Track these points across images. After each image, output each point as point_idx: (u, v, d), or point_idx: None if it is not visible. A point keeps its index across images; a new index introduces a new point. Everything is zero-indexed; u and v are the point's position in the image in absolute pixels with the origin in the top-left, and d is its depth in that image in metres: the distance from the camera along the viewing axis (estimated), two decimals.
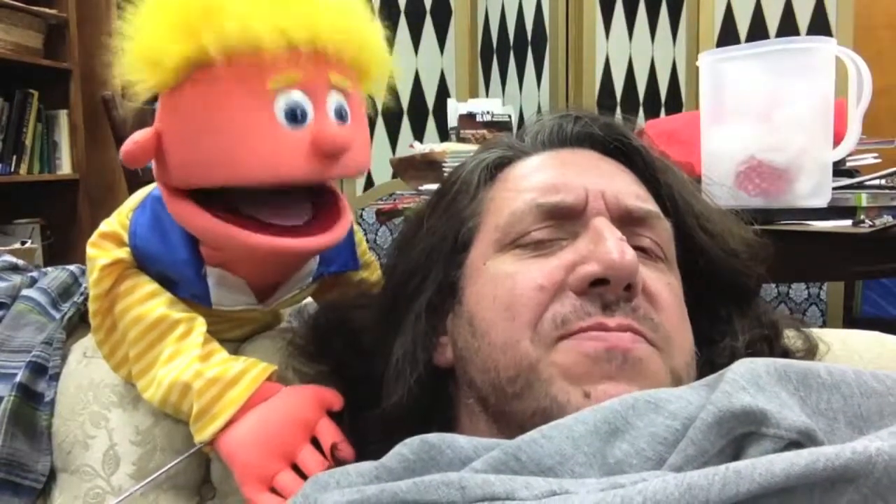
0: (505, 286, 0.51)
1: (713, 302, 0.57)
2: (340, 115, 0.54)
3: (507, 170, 0.58)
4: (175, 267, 0.61)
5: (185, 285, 0.62)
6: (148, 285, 0.62)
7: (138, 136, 0.53)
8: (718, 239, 0.57)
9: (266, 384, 0.59)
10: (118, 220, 0.63)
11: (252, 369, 0.59)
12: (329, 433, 0.58)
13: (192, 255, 0.60)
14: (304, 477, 0.55)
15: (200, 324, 0.61)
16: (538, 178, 0.55)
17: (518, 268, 0.51)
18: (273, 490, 0.56)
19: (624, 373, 0.46)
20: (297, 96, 0.52)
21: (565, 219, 0.52)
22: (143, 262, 0.63)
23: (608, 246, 0.48)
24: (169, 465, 0.62)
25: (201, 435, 0.58)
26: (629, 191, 0.54)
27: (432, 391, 0.55)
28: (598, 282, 0.48)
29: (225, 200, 0.54)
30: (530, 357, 0.48)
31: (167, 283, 0.63)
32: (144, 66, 0.51)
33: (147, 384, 0.61)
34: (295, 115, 0.52)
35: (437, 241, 0.57)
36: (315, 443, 0.58)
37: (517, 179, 0.56)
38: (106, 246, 0.62)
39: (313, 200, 0.58)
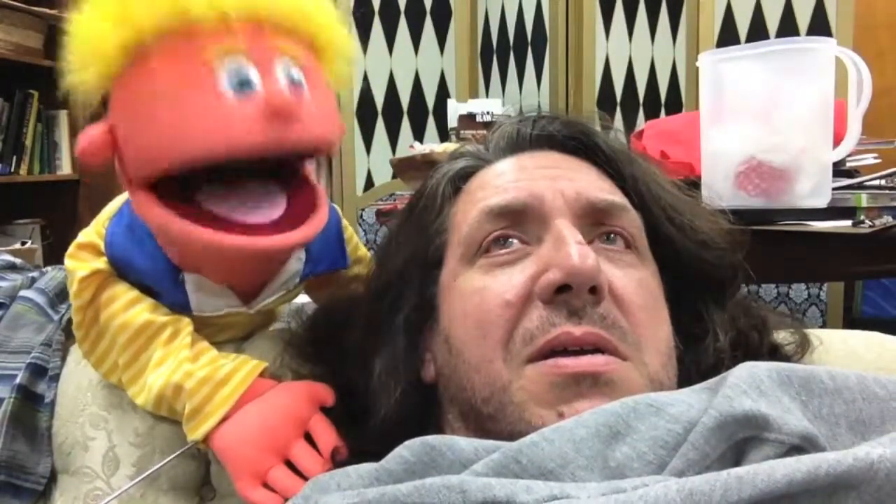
0: (474, 303, 0.51)
1: (689, 295, 0.56)
2: (293, 82, 0.52)
3: (470, 181, 0.58)
4: (152, 275, 0.61)
5: (164, 294, 0.61)
6: (129, 292, 0.61)
7: (90, 133, 0.52)
8: (686, 229, 0.57)
9: (258, 381, 0.59)
10: (95, 230, 0.62)
11: (242, 367, 0.59)
12: (322, 429, 0.57)
13: (168, 263, 0.59)
14: (297, 472, 0.55)
15: (187, 324, 0.61)
16: (494, 185, 0.55)
17: (486, 282, 0.51)
18: (266, 485, 0.55)
19: (596, 390, 0.46)
20: (241, 62, 0.50)
21: (523, 221, 0.52)
22: (121, 271, 0.62)
23: (568, 251, 0.47)
24: (163, 462, 0.62)
25: (194, 434, 0.58)
26: (592, 185, 0.54)
27: (420, 406, 0.55)
28: (563, 288, 0.47)
29: (192, 198, 0.53)
30: (503, 378, 0.48)
31: (146, 292, 0.62)
32: (86, 60, 0.51)
33: (139, 390, 0.60)
34: (241, 83, 0.49)
35: (408, 258, 0.57)
36: (309, 439, 0.58)
37: (476, 191, 0.56)
38: (83, 257, 0.62)
39: (289, 195, 0.56)
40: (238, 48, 0.49)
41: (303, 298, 0.75)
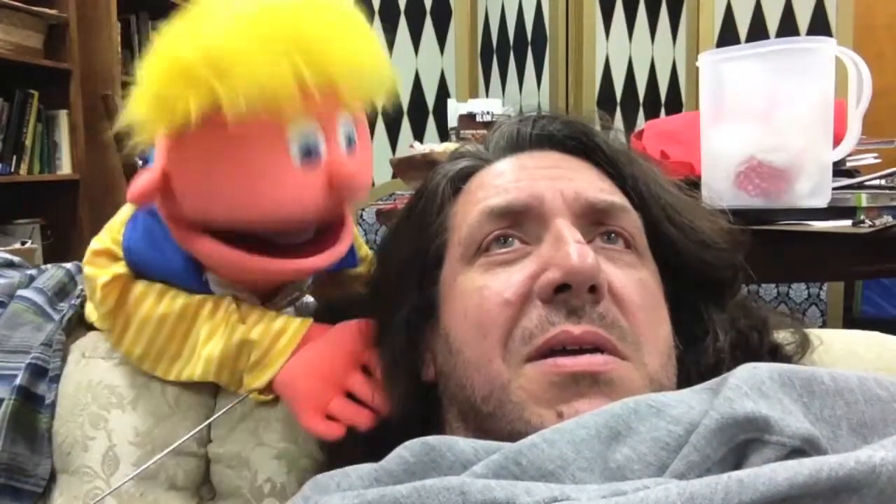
0: (473, 302, 0.51)
1: (689, 295, 0.56)
2: (349, 142, 0.56)
3: (470, 181, 0.58)
4: (175, 277, 0.62)
5: (190, 292, 0.63)
6: (155, 285, 0.63)
7: (144, 181, 0.53)
8: (686, 229, 0.56)
9: (313, 327, 0.61)
10: (110, 237, 0.63)
11: (294, 321, 0.62)
12: (376, 362, 0.59)
13: (190, 264, 0.61)
14: (356, 401, 0.58)
15: (223, 296, 0.62)
16: (494, 185, 0.55)
17: (486, 281, 0.51)
18: (329, 417, 0.58)
19: (595, 390, 0.46)
20: (311, 133, 0.53)
21: (523, 221, 0.52)
22: (143, 275, 0.63)
23: (567, 250, 0.47)
24: (178, 443, 0.62)
25: (257, 382, 0.60)
26: (592, 186, 0.54)
27: (420, 406, 0.56)
28: (563, 287, 0.47)
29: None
30: (502, 377, 0.48)
31: None
32: (154, 112, 0.51)
33: (192, 368, 0.62)
34: (309, 152, 0.53)
35: (408, 258, 0.57)
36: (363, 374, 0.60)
37: (476, 190, 0.56)
38: (101, 263, 0.63)
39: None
40: (309, 115, 0.52)
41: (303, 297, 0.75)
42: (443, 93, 2.71)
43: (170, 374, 0.64)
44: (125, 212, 0.64)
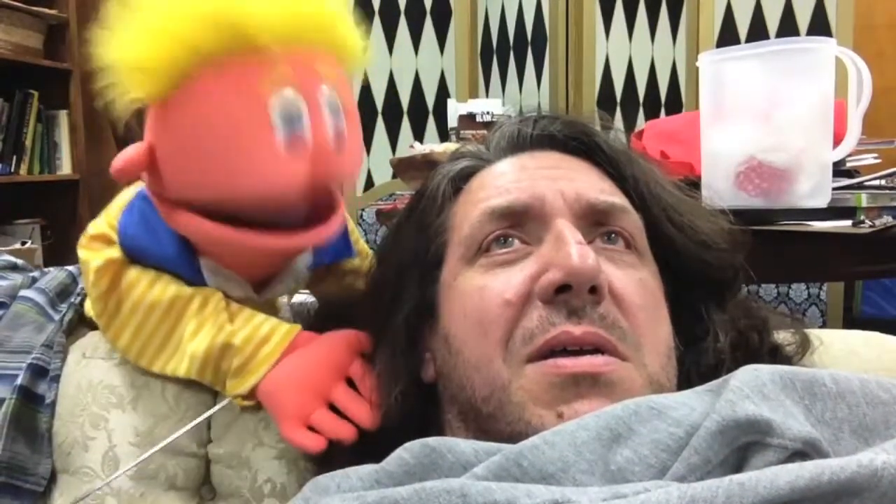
0: (474, 302, 0.51)
1: (689, 296, 0.56)
2: (334, 112, 0.54)
3: (471, 181, 0.58)
4: (169, 262, 0.62)
5: (183, 278, 0.63)
6: (147, 272, 0.62)
7: (129, 154, 0.52)
8: (686, 230, 0.57)
9: (299, 335, 0.61)
10: (106, 222, 0.63)
11: (280, 327, 0.61)
12: (362, 373, 0.58)
13: (184, 249, 0.61)
14: (339, 414, 0.57)
15: (214, 291, 0.62)
16: (495, 185, 0.55)
17: (486, 281, 0.51)
18: (311, 428, 0.57)
19: (595, 391, 0.46)
20: (291, 96, 0.51)
21: (524, 221, 0.52)
22: (138, 260, 0.63)
23: (568, 251, 0.47)
24: (179, 432, 0.62)
25: (239, 388, 0.59)
26: (592, 186, 0.54)
27: (420, 406, 0.56)
28: (563, 288, 0.47)
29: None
30: (502, 378, 0.48)
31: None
32: (133, 76, 0.50)
33: (177, 363, 0.62)
34: (291, 119, 0.51)
35: (408, 258, 0.57)
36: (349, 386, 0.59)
37: (477, 190, 0.56)
38: (96, 247, 0.63)
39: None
40: (288, 78, 0.50)
41: (300, 297, 0.75)
42: (443, 93, 2.71)
43: (154, 366, 0.64)
44: (123, 197, 0.64)
